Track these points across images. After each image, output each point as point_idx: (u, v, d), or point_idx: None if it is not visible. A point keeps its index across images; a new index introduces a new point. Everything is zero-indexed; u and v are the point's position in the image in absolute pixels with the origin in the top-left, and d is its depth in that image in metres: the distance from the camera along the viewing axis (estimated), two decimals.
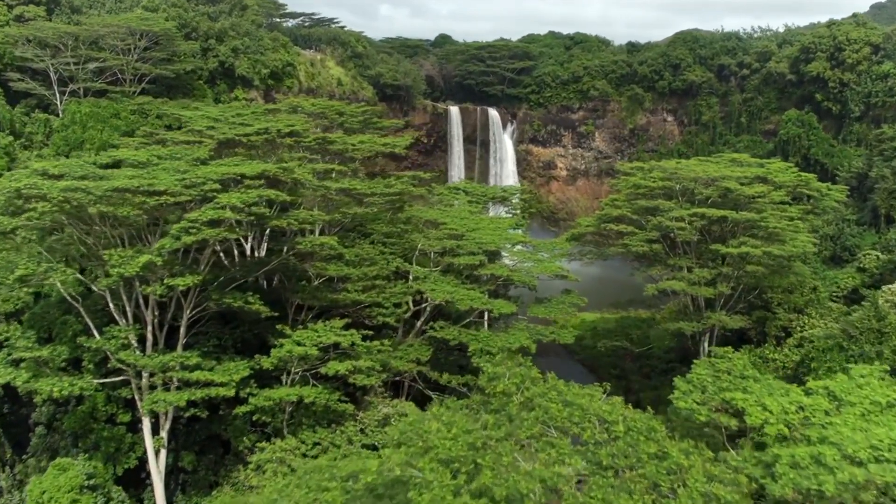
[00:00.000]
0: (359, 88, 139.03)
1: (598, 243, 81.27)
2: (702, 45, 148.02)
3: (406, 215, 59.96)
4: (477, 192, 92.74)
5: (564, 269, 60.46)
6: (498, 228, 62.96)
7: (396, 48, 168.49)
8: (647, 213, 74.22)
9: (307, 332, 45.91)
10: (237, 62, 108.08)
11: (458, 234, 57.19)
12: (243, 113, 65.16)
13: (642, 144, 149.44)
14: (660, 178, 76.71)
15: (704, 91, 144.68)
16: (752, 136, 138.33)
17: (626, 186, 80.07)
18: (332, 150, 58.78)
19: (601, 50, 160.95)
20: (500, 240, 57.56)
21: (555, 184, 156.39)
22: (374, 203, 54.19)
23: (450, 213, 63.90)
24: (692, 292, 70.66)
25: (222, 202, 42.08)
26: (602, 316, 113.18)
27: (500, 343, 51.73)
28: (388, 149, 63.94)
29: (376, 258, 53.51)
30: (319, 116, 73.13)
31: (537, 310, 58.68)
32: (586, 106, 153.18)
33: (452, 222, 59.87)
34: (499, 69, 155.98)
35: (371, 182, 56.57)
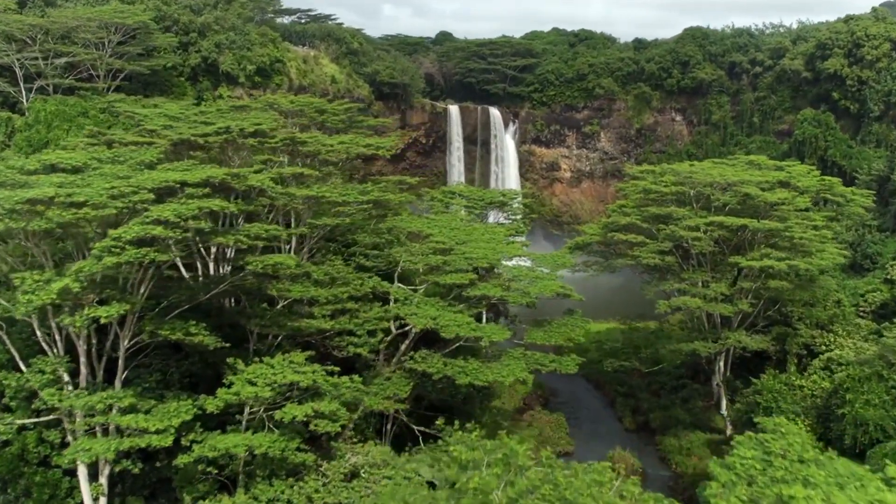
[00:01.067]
0: (354, 86, 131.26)
1: (605, 254, 73.51)
2: (712, 41, 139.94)
3: (387, 225, 52.19)
4: (474, 196, 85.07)
5: (568, 287, 52.58)
6: (492, 240, 55.12)
7: (396, 46, 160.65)
8: (659, 222, 66.46)
9: (262, 368, 38.12)
10: (221, 58, 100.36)
11: (446, 248, 49.44)
12: (208, 111, 57.43)
13: (650, 145, 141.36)
14: (672, 183, 68.92)
15: (715, 89, 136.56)
16: (764, 137, 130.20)
17: (635, 191, 72.28)
18: (304, 151, 50.91)
19: (606, 47, 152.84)
20: (493, 254, 49.74)
21: (558, 186, 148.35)
22: (346, 213, 46.40)
23: (437, 222, 56.11)
24: (709, 310, 62.83)
25: (152, 216, 34.37)
26: (608, 327, 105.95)
27: (491, 376, 43.97)
28: (370, 150, 56.11)
29: (349, 277, 45.57)
30: (297, 114, 65.46)
31: (536, 334, 50.80)
32: (591, 105, 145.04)
33: (439, 234, 52.10)
34: (500, 67, 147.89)
35: (344, 188, 48.72)
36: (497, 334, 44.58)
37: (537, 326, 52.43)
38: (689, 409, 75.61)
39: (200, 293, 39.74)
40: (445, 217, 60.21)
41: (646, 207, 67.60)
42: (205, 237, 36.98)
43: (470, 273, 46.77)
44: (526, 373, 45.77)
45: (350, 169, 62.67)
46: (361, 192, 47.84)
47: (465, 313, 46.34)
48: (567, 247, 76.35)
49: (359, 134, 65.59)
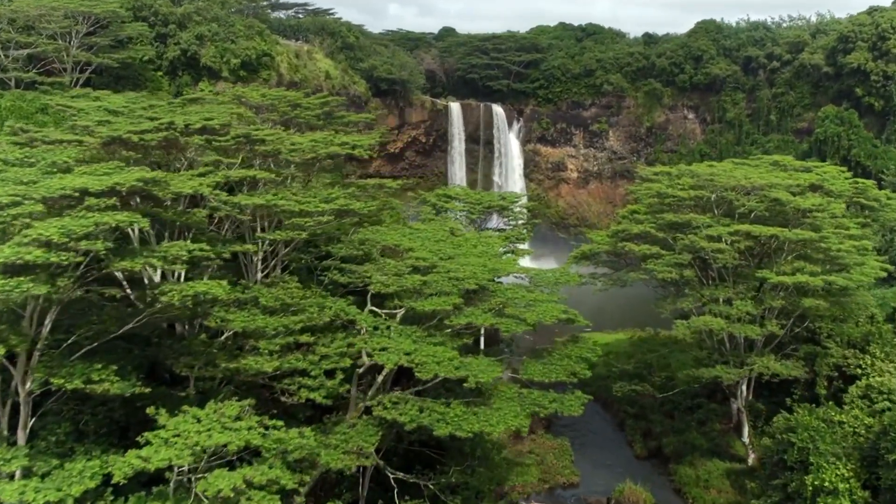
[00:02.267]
0: (350, 82, 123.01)
1: (615, 264, 64.96)
2: (726, 35, 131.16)
3: (359, 237, 43.73)
4: (471, 198, 76.71)
5: (572, 312, 44.00)
6: (485, 253, 46.67)
7: (397, 41, 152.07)
8: (676, 230, 57.88)
9: (186, 423, 29.74)
10: (202, 51, 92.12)
11: (428, 266, 40.94)
12: (158, 104, 49.02)
13: (660, 144, 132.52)
14: (690, 186, 60.33)
15: (729, 86, 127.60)
16: (782, 136, 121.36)
17: (648, 195, 63.63)
18: (262, 151, 42.46)
19: (615, 42, 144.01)
20: (483, 272, 41.17)
21: (564, 186, 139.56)
22: (305, 225, 37.93)
23: (421, 233, 47.59)
24: (734, 332, 54.22)
25: (31, 234, 26.05)
26: (616, 337, 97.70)
27: (477, 425, 35.47)
28: (345, 149, 47.66)
29: (304, 303, 36.98)
30: (268, 109, 57.15)
31: (533, 368, 42.17)
32: (599, 102, 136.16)
33: (421, 247, 43.59)
34: (504, 62, 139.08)
35: (306, 195, 40.17)
36: (485, 372, 36.00)
37: (536, 358, 43.71)
38: (706, 432, 67.33)
39: (113, 326, 31.29)
40: (432, 226, 51.69)
41: (661, 214, 59.04)
42: (104, 262, 28.48)
43: (454, 296, 38.28)
44: (522, 419, 37.30)
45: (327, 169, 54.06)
46: (325, 199, 39.33)
47: (449, 344, 37.80)
48: (573, 255, 68.02)
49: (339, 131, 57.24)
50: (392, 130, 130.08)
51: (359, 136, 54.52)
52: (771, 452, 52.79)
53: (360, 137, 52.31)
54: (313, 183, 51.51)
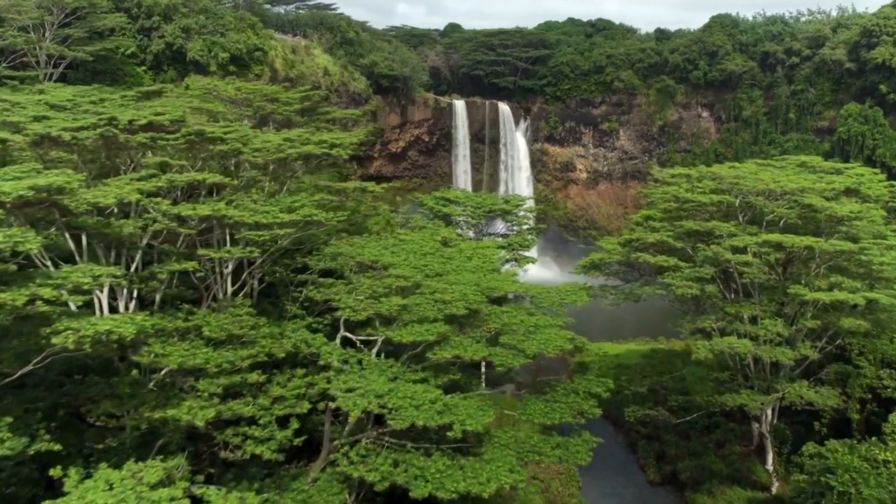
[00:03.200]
0: (349, 79, 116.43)
1: (627, 275, 58.36)
2: (742, 30, 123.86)
3: (332, 251, 37.18)
4: (472, 202, 70.40)
5: (579, 339, 37.41)
6: (480, 268, 40.05)
7: (401, 37, 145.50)
8: (697, 240, 51.23)
9: (95, 491, 23.29)
10: (189, 44, 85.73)
11: (411, 285, 34.44)
12: (110, 97, 42.55)
13: (673, 144, 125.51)
14: (710, 190, 53.69)
15: (746, 82, 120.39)
16: (802, 135, 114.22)
17: (664, 199, 56.92)
18: (218, 151, 35.96)
19: (626, 38, 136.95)
20: (475, 293, 34.61)
21: (573, 187, 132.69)
22: (260, 240, 31.40)
23: (407, 244, 41.01)
24: (763, 356, 47.51)
25: None
26: (627, 348, 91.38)
27: (463, 484, 28.81)
28: (321, 149, 41.09)
29: (253, 334, 30.37)
30: (243, 103, 50.71)
31: (535, 407, 35.38)
32: (609, 100, 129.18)
33: (405, 262, 37.06)
34: (511, 58, 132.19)
35: (265, 204, 33.63)
36: (474, 418, 29.37)
37: (537, 393, 36.98)
38: (725, 455, 60.86)
39: (11, 366, 24.86)
40: (421, 235, 45.11)
41: (679, 221, 52.34)
42: None
43: (440, 324, 31.79)
44: (517, 474, 30.65)
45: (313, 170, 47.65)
46: (287, 208, 32.79)
47: (433, 381, 31.25)
48: (581, 264, 61.41)
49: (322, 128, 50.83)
50: (394, 129, 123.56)
51: (341, 133, 47.97)
52: (805, 495, 46.09)
53: (342, 135, 45.74)
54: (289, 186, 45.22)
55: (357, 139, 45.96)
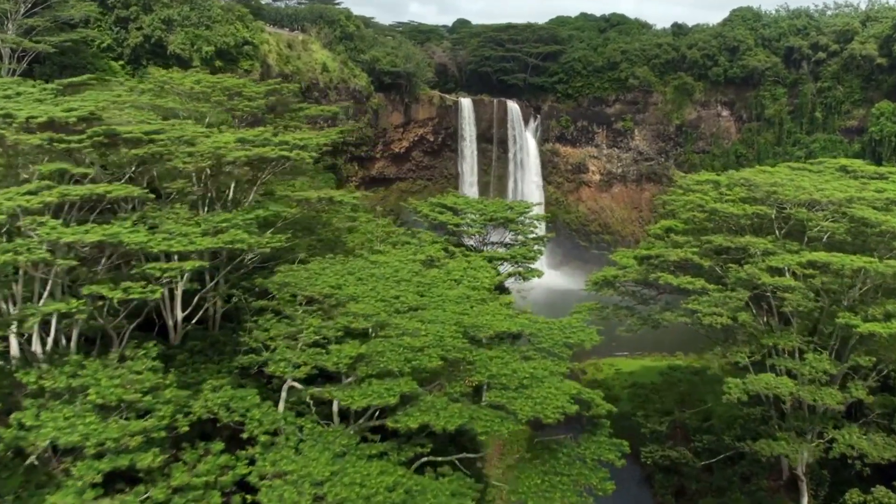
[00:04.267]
0: (350, 76, 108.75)
1: (644, 297, 50.40)
2: (765, 23, 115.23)
3: (280, 279, 29.40)
4: (473, 208, 62.65)
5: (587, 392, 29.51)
6: (466, 297, 32.18)
7: (407, 33, 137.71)
8: (726, 257, 43.24)
9: None
10: (170, 37, 78.22)
11: (374, 325, 26.67)
12: (28, 91, 34.98)
13: (691, 144, 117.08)
14: (740, 198, 45.69)
15: (769, 79, 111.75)
16: (829, 135, 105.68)
17: (687, 208, 48.87)
18: (136, 155, 28.21)
19: (641, 33, 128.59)
20: (454, 334, 26.82)
21: (586, 190, 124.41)
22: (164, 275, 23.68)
23: (379, 266, 33.18)
24: (806, 399, 39.43)
25: None
26: (643, 364, 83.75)
27: None
28: (279, 152, 33.36)
29: (149, 402, 22.57)
30: (199, 98, 43.04)
31: (529, 481, 27.26)
32: (624, 98, 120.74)
33: (372, 292, 29.29)
34: (520, 54, 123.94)
35: (181, 226, 25.83)
36: None
37: (533, 459, 28.93)
38: (752, 492, 53.28)
39: None
40: (399, 255, 37.26)
41: (706, 235, 44.29)
42: None
43: (405, 379, 24.05)
44: None
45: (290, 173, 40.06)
46: (210, 231, 25.04)
47: (395, 456, 23.46)
48: (593, 280, 53.60)
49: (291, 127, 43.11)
50: (397, 128, 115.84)
51: (309, 133, 40.18)
52: None
53: (309, 135, 37.93)
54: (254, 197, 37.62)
55: (327, 140, 38.13)
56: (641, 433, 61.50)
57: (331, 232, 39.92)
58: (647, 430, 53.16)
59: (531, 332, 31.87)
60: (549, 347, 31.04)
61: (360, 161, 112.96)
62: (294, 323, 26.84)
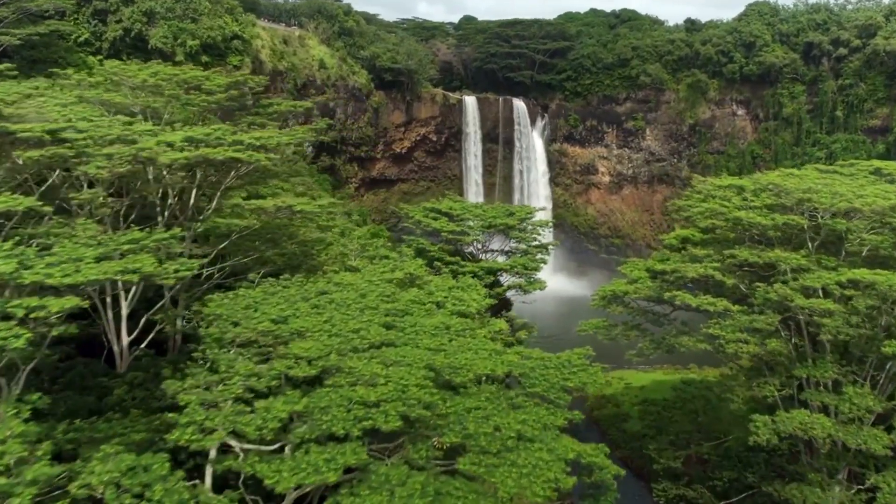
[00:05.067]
0: (349, 73, 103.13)
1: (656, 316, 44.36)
2: (783, 18, 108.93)
3: (211, 309, 23.67)
4: (471, 213, 56.90)
5: (588, 454, 23.63)
6: (446, 328, 26.34)
7: (411, 30, 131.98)
8: (753, 274, 37.26)
9: None
10: (152, 30, 72.74)
11: (319, 371, 20.93)
12: None
13: (705, 144, 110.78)
14: (769, 205, 39.66)
15: (787, 76, 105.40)
16: (851, 135, 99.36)
17: (704, 216, 42.80)
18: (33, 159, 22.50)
19: (653, 29, 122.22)
20: (422, 382, 20.99)
21: (595, 192, 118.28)
22: (33, 315, 17.95)
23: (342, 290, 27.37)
24: (848, 441, 33.36)
25: None
26: (654, 378, 77.87)
27: None
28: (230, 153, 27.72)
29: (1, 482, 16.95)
30: (153, 91, 37.39)
31: None
32: (635, 96, 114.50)
33: (327, 326, 23.54)
34: (527, 51, 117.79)
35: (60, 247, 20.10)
36: None
37: None
38: None
39: None
40: (371, 272, 31.44)
41: (729, 248, 38.26)
42: None
43: (353, 446, 18.34)
44: None
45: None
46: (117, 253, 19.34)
47: None
48: (600, 294, 47.65)
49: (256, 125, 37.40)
50: (398, 127, 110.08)
51: (271, 132, 34.42)
52: None
53: (270, 134, 32.18)
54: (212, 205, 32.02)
55: (291, 139, 32.35)
56: (652, 451, 55.88)
57: (298, 245, 34.16)
58: (659, 465, 47.11)
59: (521, 372, 26.05)
60: (543, 392, 25.19)
61: (360, 161, 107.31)
62: (218, 370, 21.15)
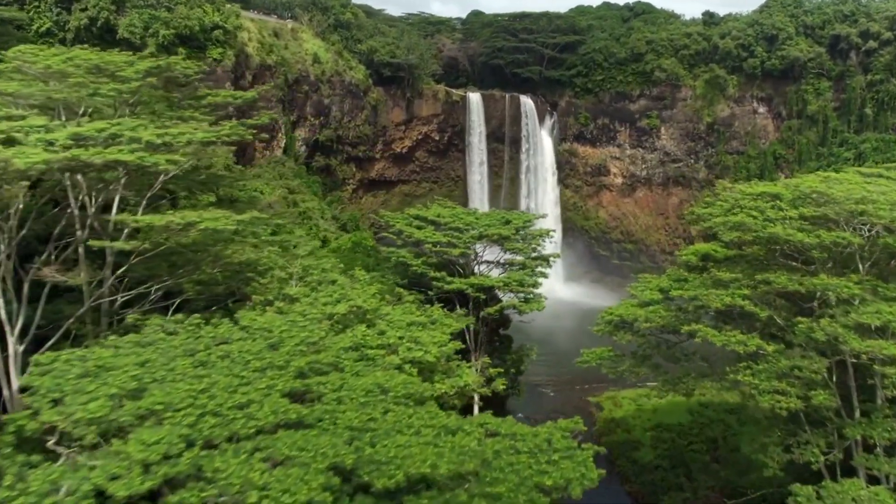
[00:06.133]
0: (345, 68, 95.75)
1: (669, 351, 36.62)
2: (807, 10, 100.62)
3: (27, 383, 16.28)
4: (460, 221, 49.42)
5: None
6: (384, 390, 18.80)
7: (416, 25, 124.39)
8: (793, 305, 29.48)
9: None
10: (121, 19, 65.76)
11: (163, 480, 13.62)
12: None
13: (724, 144, 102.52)
14: (812, 217, 31.81)
15: (811, 72, 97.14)
16: (881, 134, 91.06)
17: (729, 228, 34.94)
18: None
19: (669, 23, 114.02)
20: (309, 500, 13.58)
21: (607, 194, 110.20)
22: None
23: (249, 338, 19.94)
24: None
25: None
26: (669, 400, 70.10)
27: None
28: (107, 156, 20.39)
29: None
30: (59, 79, 30.06)
31: None
32: (649, 92, 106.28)
33: (194, 402, 16.09)
34: (536, 45, 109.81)
35: None
36: None
37: None
38: None
39: None
40: (303, 307, 23.98)
41: (762, 272, 30.45)
42: None
43: None
44: None
45: None
46: None
47: None
48: (606, 318, 40.10)
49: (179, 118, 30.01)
50: (398, 126, 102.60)
51: (187, 127, 26.98)
52: None
53: (181, 130, 24.74)
54: None
55: (205, 137, 24.91)
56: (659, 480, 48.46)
57: (222, 270, 26.72)
58: None
59: (482, 459, 18.34)
60: (507, 493, 17.34)
61: (358, 162, 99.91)
62: None
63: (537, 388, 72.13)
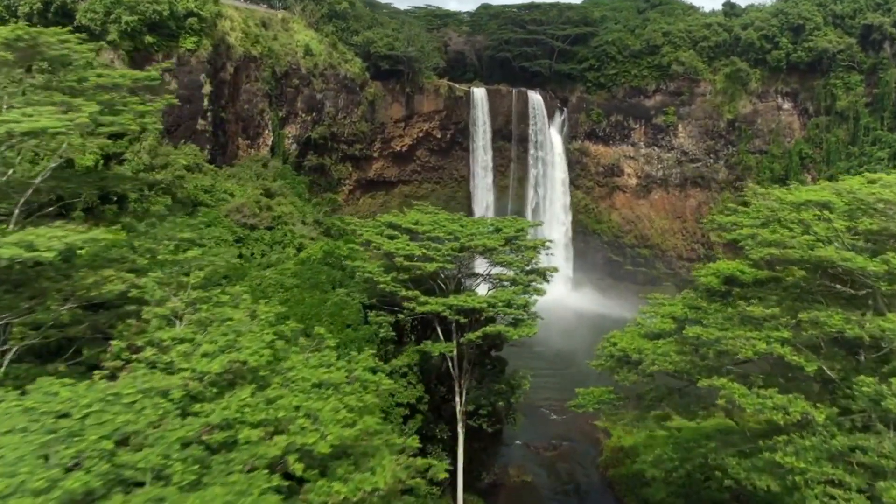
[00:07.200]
0: (339, 61, 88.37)
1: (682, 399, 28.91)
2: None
3: None
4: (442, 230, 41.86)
5: None
6: None
7: (422, 18, 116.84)
8: (848, 354, 21.58)
9: None
10: (80, 3, 58.68)
11: None
12: None
13: (746, 143, 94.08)
14: (866, 231, 23.88)
15: (841, 64, 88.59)
16: None
17: (759, 244, 26.98)
18: None
19: (687, 14, 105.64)
20: None
21: (620, 196, 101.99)
22: None
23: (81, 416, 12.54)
24: None
25: None
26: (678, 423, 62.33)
27: None
28: None
29: None
30: None
31: None
32: (666, 87, 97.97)
33: None
34: (545, 37, 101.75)
35: None
36: None
37: None
38: None
39: None
40: (141, 372, 16.48)
41: (807, 309, 22.56)
42: None
43: None
44: None
45: None
46: None
47: None
48: (608, 349, 32.62)
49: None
50: (397, 123, 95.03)
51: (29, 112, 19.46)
52: None
53: (11, 118, 17.15)
54: None
55: (58, 126, 17.41)
56: None
57: (81, 305, 19.22)
58: None
59: None
60: None
61: (355, 161, 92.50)
62: None
63: (540, 410, 64.53)
